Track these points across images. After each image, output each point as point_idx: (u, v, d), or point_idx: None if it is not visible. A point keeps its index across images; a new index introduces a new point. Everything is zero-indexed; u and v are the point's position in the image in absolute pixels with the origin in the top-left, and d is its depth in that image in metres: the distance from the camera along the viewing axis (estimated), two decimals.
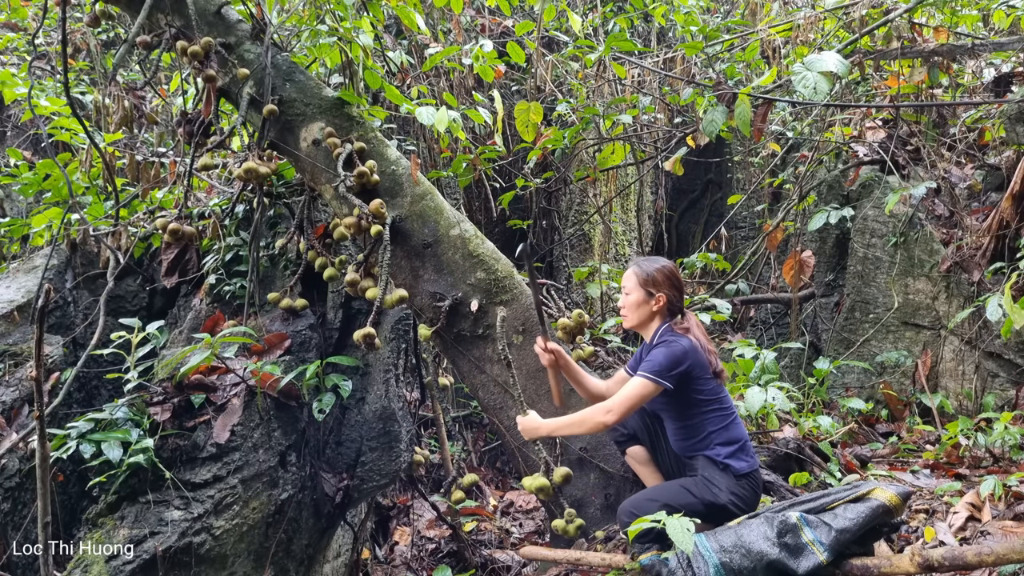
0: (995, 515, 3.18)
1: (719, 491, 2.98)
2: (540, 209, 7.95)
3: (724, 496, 2.97)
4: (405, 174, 3.98)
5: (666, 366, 2.97)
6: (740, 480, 3.02)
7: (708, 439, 3.07)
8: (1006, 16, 6.09)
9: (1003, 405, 4.90)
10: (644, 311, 3.18)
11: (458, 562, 4.78)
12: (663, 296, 3.15)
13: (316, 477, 3.92)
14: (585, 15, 7.40)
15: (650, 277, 3.16)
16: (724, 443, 3.05)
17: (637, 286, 3.18)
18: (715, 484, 3.00)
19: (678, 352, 3.00)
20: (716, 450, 3.05)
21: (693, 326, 3.18)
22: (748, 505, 3.02)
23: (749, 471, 3.04)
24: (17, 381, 4.05)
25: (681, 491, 3.03)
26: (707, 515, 2.92)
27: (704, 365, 3.07)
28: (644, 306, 3.17)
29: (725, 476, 3.01)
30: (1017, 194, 4.82)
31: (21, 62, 6.61)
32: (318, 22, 4.34)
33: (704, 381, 3.07)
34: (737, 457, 3.03)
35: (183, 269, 4.38)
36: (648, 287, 3.16)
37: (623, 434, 3.41)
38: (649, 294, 3.16)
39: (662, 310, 3.17)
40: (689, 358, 3.01)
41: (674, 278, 3.19)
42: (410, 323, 4.51)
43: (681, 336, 3.09)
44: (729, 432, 3.08)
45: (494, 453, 6.68)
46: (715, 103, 4.74)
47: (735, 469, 3.01)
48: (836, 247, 6.40)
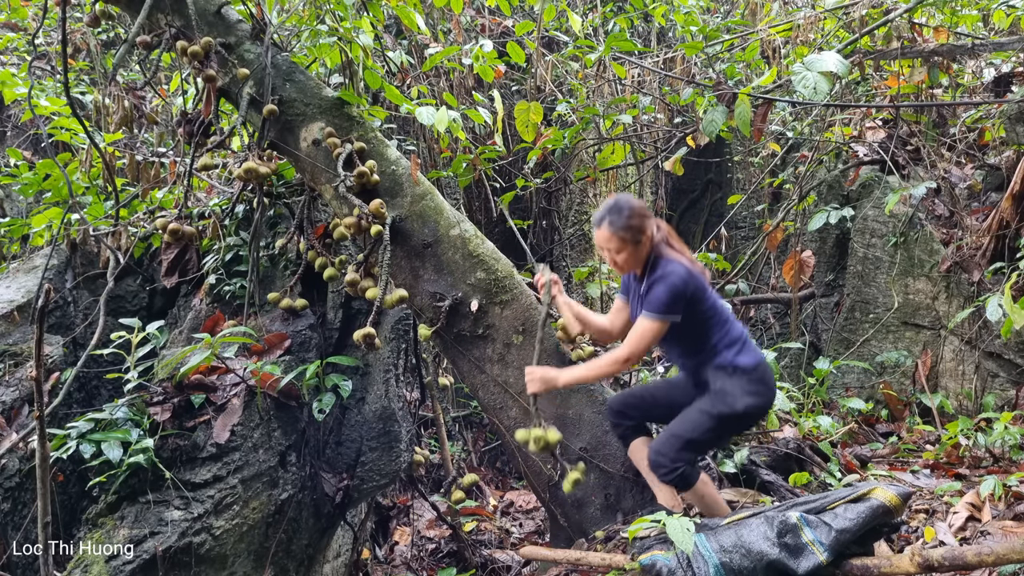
0: (995, 515, 3.18)
1: (734, 399, 3.03)
2: (540, 209, 7.95)
3: (740, 402, 3.02)
4: (405, 174, 3.98)
5: (670, 301, 2.99)
6: (750, 376, 3.05)
7: (714, 348, 3.11)
8: (1006, 16, 6.09)
9: (1003, 405, 4.90)
10: (639, 257, 3.15)
11: (458, 562, 4.79)
12: (647, 235, 3.13)
13: (316, 477, 3.92)
14: (585, 15, 7.40)
15: (631, 228, 3.09)
16: (728, 345, 3.09)
17: (624, 242, 3.11)
18: (728, 394, 3.04)
19: (678, 284, 3.00)
20: (723, 355, 3.09)
21: (674, 244, 3.17)
22: (764, 399, 3.06)
23: (756, 363, 3.08)
24: (17, 381, 4.05)
25: (698, 416, 3.07)
26: (729, 428, 3.02)
27: (702, 285, 3.09)
28: (637, 254, 3.14)
29: (735, 380, 3.05)
30: (1017, 194, 4.83)
31: (21, 62, 6.61)
32: (318, 22, 4.34)
33: (704, 300, 3.09)
34: (742, 353, 3.08)
35: (183, 269, 4.38)
36: (635, 237, 3.11)
37: (628, 427, 3.40)
38: (636, 243, 3.12)
39: (653, 240, 3.16)
40: (689, 284, 3.02)
41: (644, 212, 3.15)
42: (410, 323, 4.51)
43: (674, 262, 3.07)
44: (730, 334, 3.12)
45: (494, 453, 6.68)
46: (715, 103, 4.74)
47: (743, 366, 3.05)
48: (836, 247, 6.40)
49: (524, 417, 3.79)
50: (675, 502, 3.33)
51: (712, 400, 3.09)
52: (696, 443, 3.07)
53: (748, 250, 7.47)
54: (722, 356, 3.09)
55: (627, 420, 3.40)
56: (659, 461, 3.07)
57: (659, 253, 3.13)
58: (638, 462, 3.44)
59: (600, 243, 3.20)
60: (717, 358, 3.10)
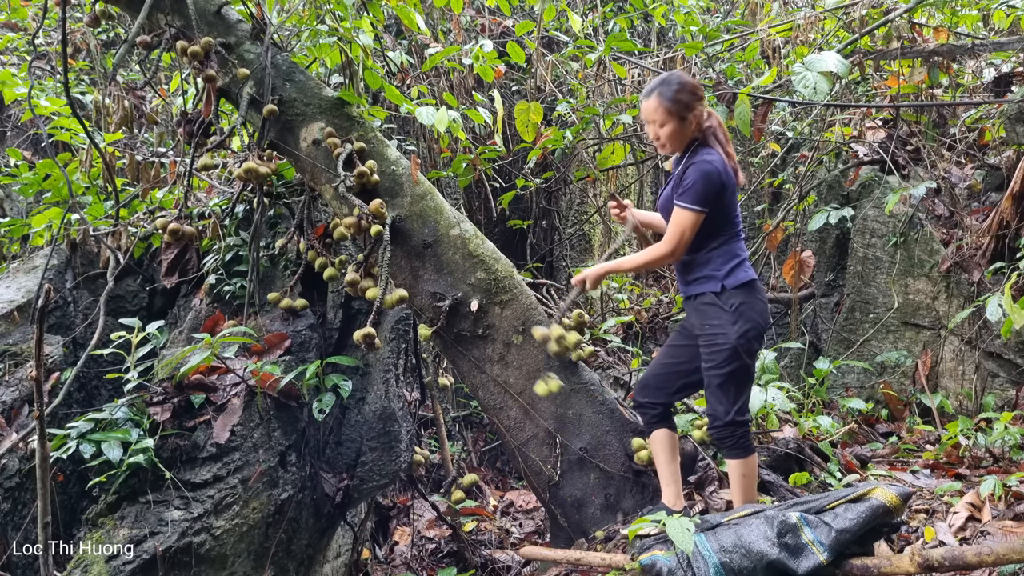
0: (995, 515, 3.18)
1: (724, 335, 3.00)
2: (540, 209, 7.95)
3: (732, 337, 2.99)
4: (405, 174, 3.99)
5: (703, 191, 2.97)
6: (738, 295, 3.02)
7: (713, 263, 3.09)
8: (1006, 16, 6.09)
9: (1003, 405, 4.90)
10: (683, 136, 3.11)
11: (458, 562, 4.79)
12: (696, 114, 3.09)
13: (316, 477, 3.92)
14: (585, 15, 7.40)
15: (679, 102, 3.04)
16: (725, 260, 3.07)
17: (669, 115, 3.06)
18: (720, 331, 3.01)
19: (711, 172, 2.98)
20: (716, 268, 3.06)
21: (720, 137, 3.12)
22: (754, 325, 3.01)
23: (747, 279, 3.05)
24: (17, 381, 4.05)
25: (714, 376, 3.05)
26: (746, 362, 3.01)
27: (732, 187, 3.07)
28: (681, 132, 3.09)
29: (718, 311, 3.03)
30: (1017, 194, 4.83)
31: (21, 62, 6.61)
32: (318, 22, 4.34)
33: (729, 202, 3.07)
34: (735, 272, 3.05)
35: (183, 269, 4.38)
36: (681, 112, 3.05)
37: (654, 415, 3.35)
38: (682, 119, 3.06)
39: (702, 120, 3.12)
40: (722, 179, 3.00)
41: (697, 89, 3.12)
42: (410, 323, 4.51)
43: (712, 152, 3.05)
44: (732, 249, 3.09)
45: (494, 453, 6.68)
46: (715, 103, 4.74)
47: (735, 281, 3.02)
48: (836, 247, 6.40)
49: (524, 417, 3.79)
50: (678, 501, 3.32)
51: (708, 352, 3.06)
52: (738, 405, 3.05)
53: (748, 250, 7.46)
54: (716, 269, 3.06)
55: (653, 406, 3.35)
56: (724, 435, 3.08)
57: (704, 140, 3.09)
58: (655, 452, 3.38)
59: (646, 115, 3.14)
60: (710, 269, 3.07)
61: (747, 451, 3.10)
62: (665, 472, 3.34)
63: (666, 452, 3.34)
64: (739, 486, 3.15)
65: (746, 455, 3.10)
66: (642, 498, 3.66)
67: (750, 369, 3.09)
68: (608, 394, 3.89)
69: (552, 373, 3.55)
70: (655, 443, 3.37)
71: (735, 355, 3.01)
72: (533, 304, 3.90)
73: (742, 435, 3.08)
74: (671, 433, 3.35)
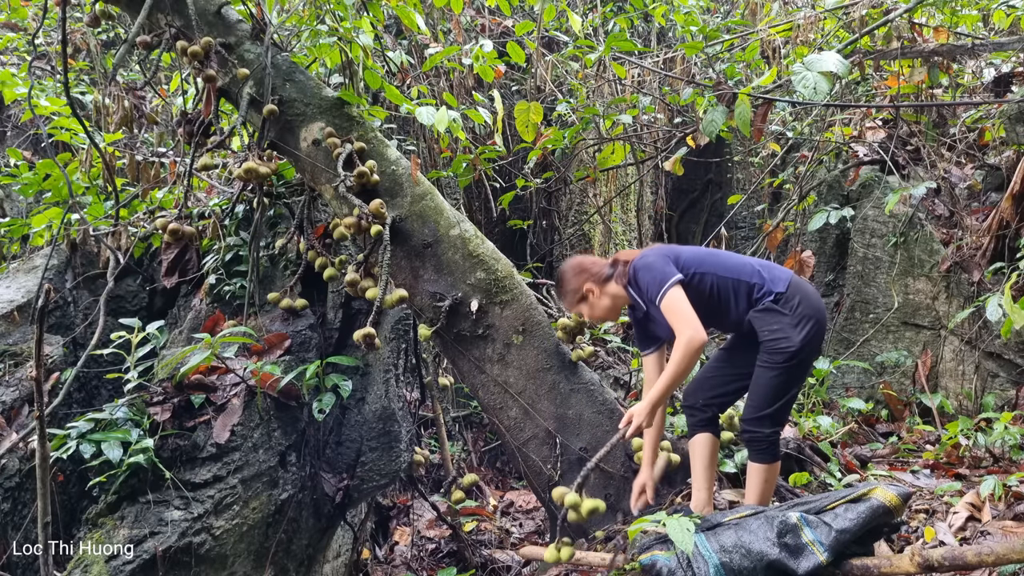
0: (995, 515, 3.19)
1: (787, 340, 2.99)
2: (540, 209, 7.95)
3: (795, 338, 2.98)
4: (405, 174, 3.98)
5: (659, 273, 3.04)
6: (787, 302, 3.04)
7: (744, 287, 3.12)
8: (1006, 16, 6.09)
9: (1003, 405, 4.90)
10: (605, 304, 3.28)
11: (458, 562, 4.78)
12: (591, 285, 3.26)
13: (316, 477, 3.92)
14: (585, 15, 7.39)
15: (575, 292, 3.29)
16: (750, 290, 3.11)
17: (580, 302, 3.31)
18: (783, 335, 3.01)
19: (650, 259, 3.11)
20: (753, 298, 3.09)
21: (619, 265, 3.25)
22: (814, 321, 3.02)
23: (788, 280, 3.08)
24: (17, 381, 4.05)
25: (765, 379, 3.05)
26: (800, 370, 3.04)
27: (677, 252, 3.18)
28: (600, 301, 3.27)
29: (778, 316, 3.03)
30: (1017, 194, 4.83)
31: (21, 62, 6.60)
32: (318, 22, 4.34)
33: (697, 258, 3.17)
34: (771, 285, 3.08)
35: (183, 269, 4.38)
36: (585, 296, 3.28)
37: (701, 419, 3.33)
38: (584, 298, 3.29)
39: (601, 282, 3.26)
40: (663, 251, 3.14)
41: (576, 267, 3.32)
42: (410, 323, 4.51)
43: (633, 261, 3.19)
44: (750, 279, 3.12)
45: (494, 453, 6.68)
46: (715, 103, 4.73)
47: (778, 292, 3.05)
48: (836, 247, 6.40)
49: (524, 417, 3.79)
50: (707, 508, 3.26)
51: (768, 354, 3.04)
52: (778, 407, 3.04)
53: (748, 250, 7.46)
54: (755, 286, 3.09)
55: (703, 410, 3.32)
56: (755, 437, 3.07)
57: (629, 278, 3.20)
58: (694, 455, 3.34)
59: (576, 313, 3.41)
60: (752, 307, 3.10)
61: (774, 457, 3.10)
62: (700, 476, 3.30)
63: (705, 457, 3.30)
64: (757, 491, 3.14)
65: (772, 461, 3.10)
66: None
67: (803, 376, 3.10)
68: (608, 394, 3.88)
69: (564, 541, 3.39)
70: (696, 446, 3.34)
71: (794, 357, 3.00)
72: (533, 304, 3.90)
73: (773, 440, 3.07)
74: (714, 439, 3.32)
